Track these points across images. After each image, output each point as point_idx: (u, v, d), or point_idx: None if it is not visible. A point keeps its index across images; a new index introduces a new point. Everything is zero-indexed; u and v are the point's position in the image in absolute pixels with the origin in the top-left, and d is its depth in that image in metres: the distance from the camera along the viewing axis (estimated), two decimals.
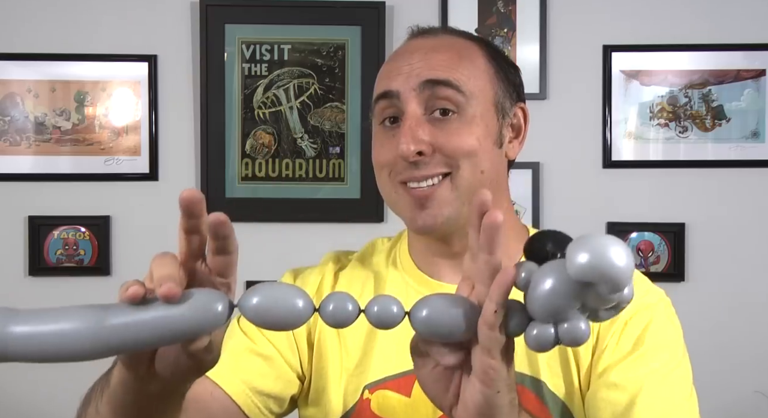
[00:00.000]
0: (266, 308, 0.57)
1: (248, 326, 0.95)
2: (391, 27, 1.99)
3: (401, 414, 0.90)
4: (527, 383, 0.89)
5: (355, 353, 0.94)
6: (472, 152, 0.88)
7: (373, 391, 0.91)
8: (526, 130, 0.97)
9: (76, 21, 1.99)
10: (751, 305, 2.01)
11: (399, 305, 0.61)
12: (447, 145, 0.88)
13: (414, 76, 0.89)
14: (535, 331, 0.58)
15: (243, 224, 1.93)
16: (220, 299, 0.57)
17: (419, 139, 0.87)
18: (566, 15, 2.02)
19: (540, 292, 0.56)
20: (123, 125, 1.99)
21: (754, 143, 2.01)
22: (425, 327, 0.60)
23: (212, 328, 0.57)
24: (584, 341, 0.57)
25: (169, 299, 0.55)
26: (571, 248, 0.53)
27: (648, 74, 2.02)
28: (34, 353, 0.56)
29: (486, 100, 0.91)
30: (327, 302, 0.60)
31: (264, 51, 1.99)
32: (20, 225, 1.98)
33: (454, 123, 0.89)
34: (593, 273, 0.52)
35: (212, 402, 0.88)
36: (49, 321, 0.56)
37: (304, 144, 2.00)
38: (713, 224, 2.02)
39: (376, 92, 0.93)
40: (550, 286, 0.56)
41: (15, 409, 1.97)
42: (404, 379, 0.91)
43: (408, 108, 0.89)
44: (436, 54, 0.91)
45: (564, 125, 2.01)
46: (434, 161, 0.88)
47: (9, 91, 1.98)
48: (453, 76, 0.89)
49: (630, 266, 0.52)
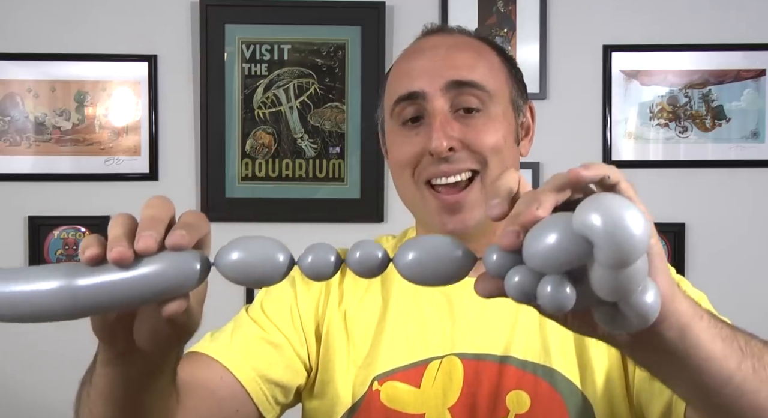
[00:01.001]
0: (245, 264, 0.55)
1: (258, 315, 0.96)
2: (391, 27, 1.99)
3: (411, 405, 0.90)
4: (540, 373, 0.89)
5: (363, 345, 0.94)
6: (499, 149, 0.90)
7: (383, 382, 0.92)
8: (533, 129, 1.00)
9: (77, 21, 1.99)
10: (751, 305, 2.01)
11: (383, 251, 0.57)
12: (476, 141, 0.90)
13: (438, 77, 0.90)
14: (517, 278, 0.50)
15: (243, 224, 1.93)
16: (195, 257, 0.54)
17: (450, 135, 0.88)
18: (566, 15, 2.02)
19: (542, 234, 0.48)
20: (123, 125, 1.99)
21: (754, 143, 2.01)
22: (411, 272, 0.55)
23: (189, 286, 0.54)
24: (565, 308, 0.48)
25: (120, 264, 0.52)
26: (584, 202, 0.46)
27: (648, 74, 2.02)
28: (5, 314, 0.54)
29: (505, 98, 0.94)
30: (306, 254, 0.57)
31: (264, 51, 1.99)
32: (20, 225, 1.98)
33: (480, 119, 0.91)
34: (599, 231, 0.44)
35: (221, 386, 0.88)
36: (20, 281, 0.53)
37: (304, 144, 2.00)
38: (713, 224, 2.02)
39: (398, 93, 0.93)
40: (556, 233, 0.47)
41: (16, 409, 1.97)
42: (414, 370, 0.91)
43: (435, 106, 0.90)
44: (458, 52, 0.93)
45: (564, 125, 2.01)
46: (463, 156, 0.89)
47: (9, 91, 1.98)
48: (477, 75, 0.91)
49: (644, 240, 0.44)
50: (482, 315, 0.93)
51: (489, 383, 0.89)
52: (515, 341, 0.91)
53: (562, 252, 0.47)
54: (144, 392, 0.67)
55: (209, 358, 0.90)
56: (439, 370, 0.91)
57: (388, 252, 0.57)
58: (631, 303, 0.49)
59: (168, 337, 0.59)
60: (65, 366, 0.71)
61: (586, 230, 0.45)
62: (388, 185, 1.95)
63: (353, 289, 0.98)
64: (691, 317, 0.57)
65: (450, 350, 0.92)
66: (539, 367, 0.89)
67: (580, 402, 0.88)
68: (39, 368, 1.96)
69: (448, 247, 0.55)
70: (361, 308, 0.97)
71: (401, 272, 0.56)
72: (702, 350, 0.57)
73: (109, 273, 0.53)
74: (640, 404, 0.88)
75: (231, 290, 1.92)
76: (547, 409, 0.88)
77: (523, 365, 0.90)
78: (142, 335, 0.59)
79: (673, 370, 0.59)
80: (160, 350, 0.62)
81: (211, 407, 0.86)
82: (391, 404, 0.91)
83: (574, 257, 0.47)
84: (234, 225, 1.91)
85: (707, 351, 0.58)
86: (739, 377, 0.59)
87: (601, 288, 0.48)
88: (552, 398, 0.88)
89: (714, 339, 0.58)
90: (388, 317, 0.95)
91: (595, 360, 0.89)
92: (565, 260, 0.48)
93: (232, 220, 1.92)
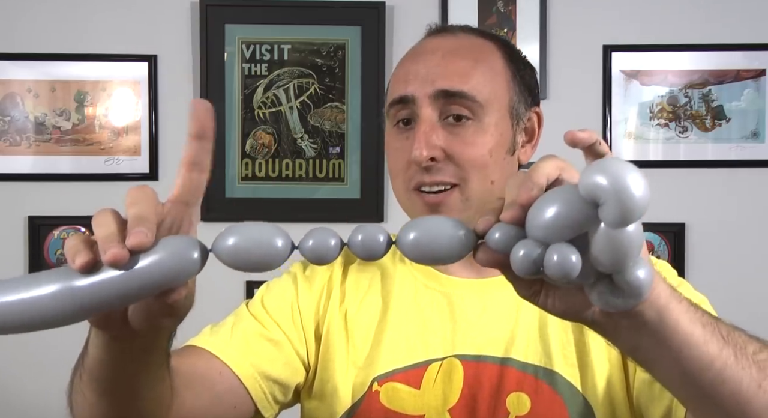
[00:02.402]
0: (243, 250, 0.54)
1: (258, 311, 0.96)
2: (391, 27, 1.99)
3: (411, 406, 0.90)
4: (540, 375, 0.89)
5: (363, 346, 0.94)
6: (483, 164, 0.90)
7: (382, 383, 0.92)
8: (539, 134, 0.98)
9: (77, 21, 1.99)
10: (751, 305, 2.01)
11: (385, 234, 0.57)
12: (461, 154, 0.89)
13: (429, 83, 0.90)
14: (523, 250, 0.52)
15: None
16: (193, 245, 0.54)
17: (432, 144, 0.88)
18: (566, 15, 2.02)
19: (544, 206, 0.51)
20: (123, 125, 1.99)
21: (754, 143, 2.01)
22: (414, 251, 0.56)
23: (188, 276, 0.54)
24: (572, 275, 0.50)
25: (116, 265, 0.52)
26: (588, 167, 0.49)
27: (648, 74, 2.02)
28: (7, 324, 0.53)
29: (501, 106, 0.92)
30: (306, 238, 0.57)
31: (264, 51, 1.99)
32: (20, 225, 1.98)
33: (469, 129, 0.90)
34: (606, 188, 0.47)
35: (220, 381, 0.88)
36: (19, 290, 0.53)
37: (304, 144, 2.00)
38: (713, 224, 2.02)
39: (392, 96, 0.93)
40: (558, 203, 0.51)
41: (17, 409, 1.97)
42: (414, 371, 0.91)
43: (422, 113, 0.90)
44: (454, 58, 0.91)
45: (564, 125, 2.00)
46: (445, 168, 0.89)
47: (9, 91, 1.97)
48: (469, 85, 0.89)
49: (645, 197, 0.47)
50: (483, 317, 0.93)
51: (489, 385, 0.89)
52: (516, 343, 0.91)
53: (566, 219, 0.51)
54: (137, 375, 0.67)
55: (208, 353, 0.90)
56: (440, 371, 0.91)
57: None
58: (627, 275, 0.52)
59: (163, 318, 0.59)
60: (60, 365, 0.71)
61: (594, 188, 0.48)
62: (387, 185, 1.95)
63: (355, 289, 0.98)
64: (668, 298, 0.59)
65: (450, 351, 0.92)
66: (540, 369, 0.89)
67: (581, 404, 0.88)
68: (40, 370, 1.96)
69: (449, 226, 0.56)
70: (361, 308, 0.97)
71: (404, 251, 0.57)
72: (680, 333, 0.59)
73: (106, 271, 0.53)
74: (639, 407, 0.88)
75: (231, 282, 1.92)
76: (547, 411, 0.88)
77: (523, 366, 0.90)
78: (136, 317, 0.58)
79: (656, 354, 0.61)
80: (155, 330, 0.62)
81: (209, 400, 0.86)
82: (391, 405, 0.91)
83: (577, 223, 0.51)
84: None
85: (686, 334, 0.60)
86: (719, 363, 0.61)
87: (603, 252, 0.51)
88: (552, 400, 0.88)
89: (693, 323, 0.61)
90: (389, 317, 0.95)
91: (596, 363, 0.89)
92: (569, 226, 0.51)
93: (232, 220, 1.90)
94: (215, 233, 0.57)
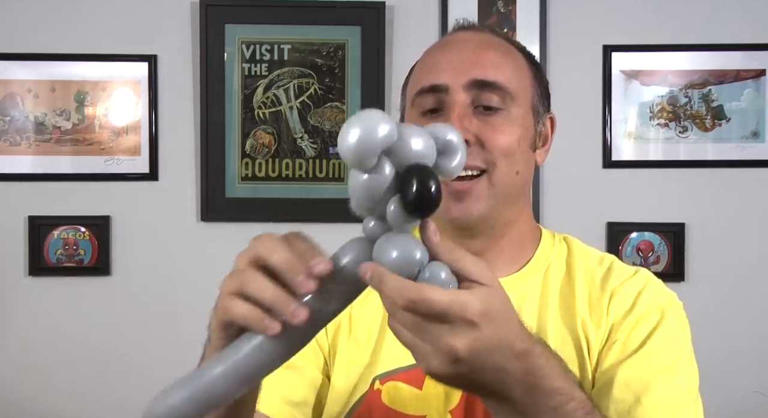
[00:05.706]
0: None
1: None
2: (391, 27, 1.99)
3: (412, 406, 0.90)
4: None
5: (366, 344, 0.94)
6: (511, 152, 0.91)
7: (384, 382, 0.91)
8: (552, 140, 1.00)
9: (76, 21, 1.99)
10: (751, 305, 2.01)
11: (422, 249, 0.66)
12: (490, 139, 0.90)
13: (464, 73, 0.91)
14: (371, 223, 0.68)
15: (243, 224, 1.93)
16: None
17: (466, 127, 0.89)
18: (566, 15, 2.02)
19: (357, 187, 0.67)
20: (123, 125, 1.99)
21: (754, 143, 2.01)
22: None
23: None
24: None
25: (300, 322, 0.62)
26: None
27: (648, 74, 2.02)
28: (201, 410, 0.62)
29: (527, 101, 0.94)
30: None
31: (264, 51, 1.99)
32: (20, 225, 1.98)
33: (499, 118, 0.91)
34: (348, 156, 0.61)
35: None
36: (195, 380, 0.61)
37: (304, 144, 2.00)
38: (713, 224, 2.02)
39: (422, 84, 0.93)
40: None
41: (18, 410, 1.97)
42: (416, 371, 0.91)
43: (456, 99, 0.90)
44: (486, 50, 0.93)
45: (564, 125, 2.00)
46: (474, 153, 0.89)
47: (9, 91, 1.98)
48: (502, 76, 0.91)
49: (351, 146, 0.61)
50: None
51: None
52: None
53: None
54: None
55: None
56: None
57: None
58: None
59: None
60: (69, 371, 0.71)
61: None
62: None
63: None
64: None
65: None
66: None
67: None
68: (42, 371, 1.96)
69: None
70: (365, 307, 0.96)
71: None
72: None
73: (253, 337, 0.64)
74: None
75: None
76: None
77: None
78: None
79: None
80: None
81: None
82: (392, 404, 0.91)
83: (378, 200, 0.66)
84: (234, 225, 1.91)
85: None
86: None
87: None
88: None
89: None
90: None
91: (593, 363, 0.89)
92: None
93: (232, 220, 1.92)
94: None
